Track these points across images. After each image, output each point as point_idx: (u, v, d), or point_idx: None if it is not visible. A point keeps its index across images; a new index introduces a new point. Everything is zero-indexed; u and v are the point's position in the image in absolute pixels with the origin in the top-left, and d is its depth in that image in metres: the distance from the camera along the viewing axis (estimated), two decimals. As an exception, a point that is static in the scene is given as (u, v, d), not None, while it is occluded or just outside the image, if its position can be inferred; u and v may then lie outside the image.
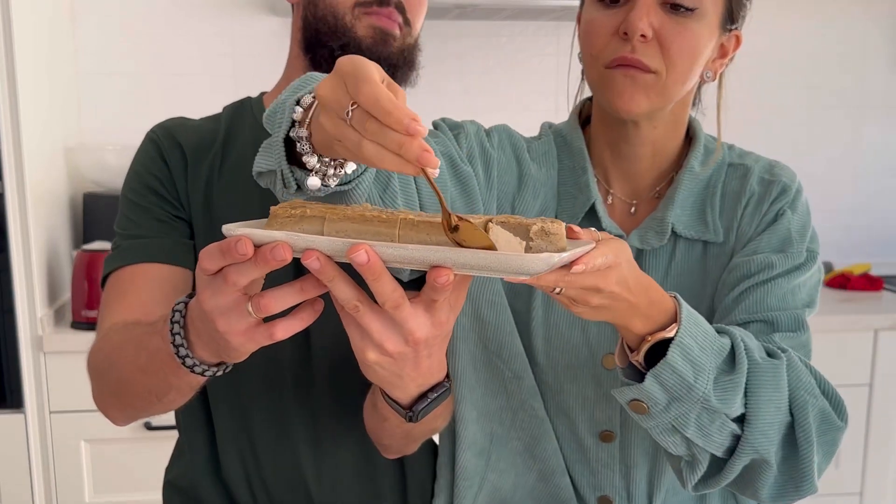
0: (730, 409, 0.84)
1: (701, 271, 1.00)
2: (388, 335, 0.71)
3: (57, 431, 2.08)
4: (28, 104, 1.97)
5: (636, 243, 0.99)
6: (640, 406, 0.83)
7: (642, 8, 0.90)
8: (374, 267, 0.64)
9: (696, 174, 1.01)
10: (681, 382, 0.80)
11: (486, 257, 0.62)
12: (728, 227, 1.00)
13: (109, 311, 1.00)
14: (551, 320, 1.02)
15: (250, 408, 1.09)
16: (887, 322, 2.38)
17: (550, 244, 0.64)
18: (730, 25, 0.96)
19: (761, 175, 1.02)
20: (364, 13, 1.05)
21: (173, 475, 1.18)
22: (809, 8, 2.80)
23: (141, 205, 1.07)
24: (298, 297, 0.70)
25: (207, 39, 2.53)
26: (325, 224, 0.67)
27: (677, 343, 0.79)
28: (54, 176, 2.23)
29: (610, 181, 1.03)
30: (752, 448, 0.85)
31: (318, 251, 0.65)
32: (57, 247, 2.20)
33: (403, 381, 0.79)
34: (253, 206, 1.06)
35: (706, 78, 0.97)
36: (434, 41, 2.70)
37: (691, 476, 0.90)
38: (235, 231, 0.66)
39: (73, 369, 2.07)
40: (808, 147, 2.86)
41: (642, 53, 0.91)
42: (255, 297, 0.69)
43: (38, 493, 2.07)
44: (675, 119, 1.01)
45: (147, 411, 0.94)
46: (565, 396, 1.03)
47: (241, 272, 0.67)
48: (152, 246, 1.04)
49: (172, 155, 1.09)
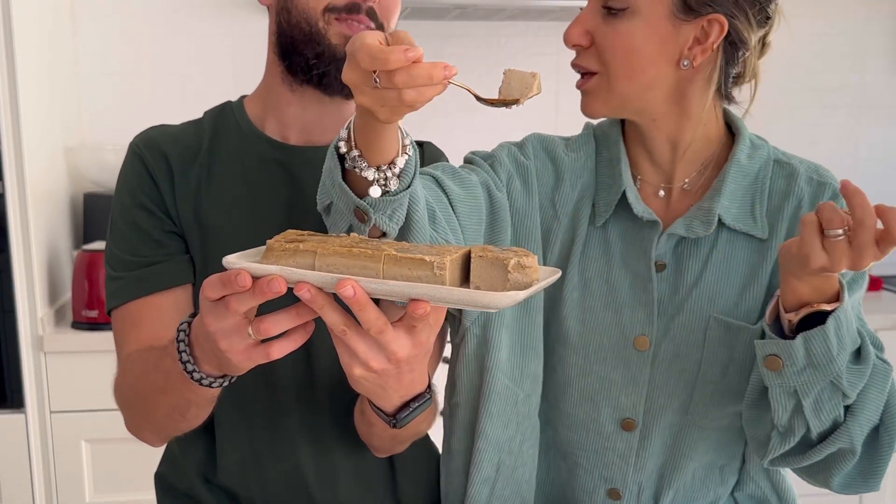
0: (851, 394, 0.89)
1: (743, 263, 1.02)
2: (373, 355, 0.78)
3: (57, 431, 2.08)
4: (28, 104, 1.98)
5: (681, 231, 1.01)
6: (776, 362, 0.88)
7: (579, 20, 0.99)
8: (360, 299, 0.73)
9: (742, 167, 1.02)
10: (825, 352, 0.85)
11: (459, 294, 0.71)
12: (773, 224, 1.02)
13: (124, 342, 1.06)
14: (586, 303, 1.05)
15: (251, 411, 1.10)
16: (887, 322, 2.39)
17: (526, 276, 0.73)
18: (687, 15, 0.95)
19: (809, 175, 1.04)
20: (335, 19, 1.03)
21: (168, 480, 1.18)
22: (810, 8, 2.81)
23: (134, 226, 1.07)
24: (294, 321, 0.78)
25: (207, 40, 2.53)
26: (317, 258, 0.75)
27: (836, 316, 0.84)
28: (54, 176, 2.24)
29: (641, 170, 1.07)
30: (848, 437, 0.91)
31: (309, 283, 0.73)
32: (57, 247, 2.20)
33: (387, 393, 0.86)
34: (243, 215, 1.07)
35: (682, 66, 0.97)
36: (434, 41, 2.71)
37: (779, 447, 0.94)
38: (235, 264, 0.75)
39: (74, 369, 2.08)
40: (807, 147, 2.84)
41: (581, 59, 1.01)
42: (255, 322, 0.77)
43: (39, 493, 2.07)
44: (682, 111, 1.01)
45: (176, 429, 1.02)
46: (592, 379, 1.05)
47: (240, 301, 0.75)
48: (154, 275, 1.06)
49: (158, 168, 1.08)
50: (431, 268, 0.72)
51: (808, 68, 2.83)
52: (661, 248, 1.03)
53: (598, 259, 1.05)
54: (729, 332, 1.00)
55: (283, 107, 1.09)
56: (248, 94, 1.16)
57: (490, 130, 2.72)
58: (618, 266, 1.05)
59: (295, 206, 1.08)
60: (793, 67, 2.83)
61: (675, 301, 1.03)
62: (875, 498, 2.47)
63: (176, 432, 1.03)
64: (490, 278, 0.74)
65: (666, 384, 1.03)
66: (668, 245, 1.03)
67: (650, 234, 1.03)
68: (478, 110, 2.76)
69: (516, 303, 0.72)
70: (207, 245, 1.07)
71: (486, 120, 2.71)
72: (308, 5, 1.02)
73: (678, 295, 1.03)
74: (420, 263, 0.72)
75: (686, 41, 0.96)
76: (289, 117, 1.10)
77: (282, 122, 1.10)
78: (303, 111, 1.09)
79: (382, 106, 0.71)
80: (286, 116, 1.10)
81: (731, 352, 1.01)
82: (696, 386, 1.02)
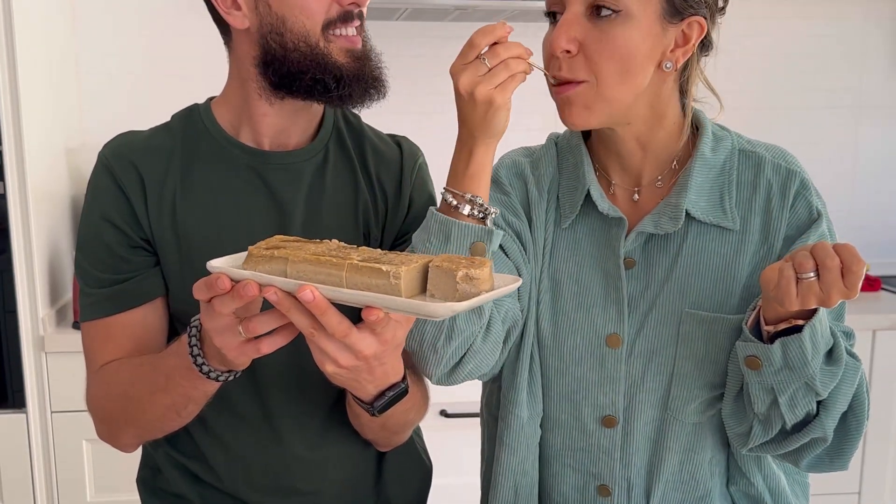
0: (823, 393, 0.94)
1: (714, 256, 1.03)
2: (341, 353, 0.84)
3: (58, 431, 2.08)
4: (29, 105, 1.98)
5: (650, 228, 1.03)
6: (756, 362, 0.93)
7: (562, 25, 0.96)
8: (320, 304, 0.78)
9: (707, 160, 1.03)
10: (801, 357, 0.90)
11: (403, 303, 0.77)
12: (745, 216, 1.03)
13: (96, 355, 1.11)
14: (558, 305, 1.07)
15: (240, 409, 1.11)
16: (885, 322, 2.39)
17: (474, 287, 0.77)
18: (673, 18, 0.96)
19: (776, 162, 1.04)
20: (332, 35, 1.02)
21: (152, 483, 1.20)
22: (809, 9, 2.81)
23: (101, 242, 1.08)
24: (279, 321, 0.84)
25: (208, 40, 2.53)
26: (288, 265, 0.81)
27: (811, 325, 0.89)
28: (56, 176, 2.24)
29: (610, 175, 1.07)
30: (822, 429, 0.97)
31: (276, 287, 0.79)
32: (58, 247, 2.21)
33: (361, 385, 0.93)
34: (221, 221, 1.07)
35: (665, 68, 0.98)
36: (434, 42, 2.71)
37: (761, 436, 1.00)
38: (217, 268, 0.82)
39: (75, 369, 2.07)
40: (807, 147, 2.86)
41: (569, 68, 0.96)
42: (244, 322, 0.84)
43: (40, 493, 2.08)
44: (655, 113, 1.02)
45: (166, 428, 1.07)
46: (569, 380, 1.07)
47: (223, 303, 0.82)
48: (123, 294, 1.08)
49: (128, 180, 1.07)
50: (388, 277, 0.77)
51: (807, 69, 2.84)
52: (630, 246, 1.04)
53: (568, 260, 1.07)
54: (703, 325, 1.02)
55: (259, 117, 1.09)
56: (214, 97, 1.15)
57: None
58: (588, 266, 1.06)
59: (270, 210, 1.08)
60: (792, 68, 2.84)
61: (646, 297, 1.04)
62: (874, 497, 2.48)
63: (162, 433, 1.09)
64: (443, 287, 0.79)
65: (643, 380, 1.05)
66: (637, 242, 1.04)
67: (618, 231, 1.04)
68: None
69: (455, 313, 0.77)
70: (186, 252, 1.08)
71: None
72: (305, 27, 1.01)
73: (649, 291, 1.04)
74: (377, 272, 0.78)
75: (669, 44, 0.97)
76: (264, 126, 1.09)
77: (256, 131, 1.10)
78: (279, 119, 1.09)
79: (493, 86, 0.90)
80: (261, 126, 1.09)
81: (706, 344, 1.02)
82: (673, 380, 1.04)
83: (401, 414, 1.02)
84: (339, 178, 1.12)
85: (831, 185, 2.91)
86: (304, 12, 1.01)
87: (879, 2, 2.85)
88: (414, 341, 1.00)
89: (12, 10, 1.89)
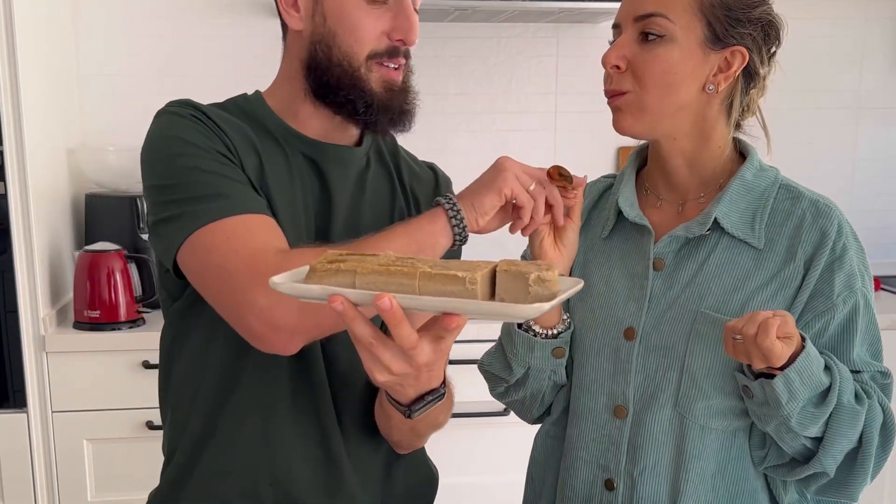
0: (804, 433, 1.00)
1: (737, 268, 1.09)
2: (396, 362, 0.83)
3: (59, 431, 2.09)
4: (30, 106, 1.98)
5: (682, 233, 1.11)
6: (747, 391, 1.02)
7: (615, 47, 1.09)
8: (396, 314, 0.77)
9: (746, 182, 1.11)
10: (775, 400, 0.98)
11: (489, 307, 0.77)
12: (771, 237, 1.09)
13: (268, 244, 0.99)
14: (587, 304, 1.17)
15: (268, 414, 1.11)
16: (885, 322, 2.39)
17: (546, 288, 0.78)
18: (715, 45, 1.06)
19: (814, 198, 1.11)
20: (375, 64, 1.07)
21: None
22: (809, 10, 2.81)
23: (215, 155, 1.03)
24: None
25: (208, 41, 2.54)
26: (357, 277, 0.80)
27: (785, 375, 0.96)
28: (56, 177, 2.25)
29: (659, 190, 1.18)
30: (820, 465, 1.03)
31: (342, 296, 0.78)
32: (59, 247, 2.21)
33: (404, 389, 0.95)
34: (286, 201, 1.08)
35: (708, 90, 1.08)
36: (433, 43, 2.71)
37: (774, 458, 1.07)
38: (279, 285, 0.81)
39: (76, 369, 2.08)
40: (806, 148, 2.87)
41: (617, 81, 1.09)
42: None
43: (41, 493, 2.08)
44: (701, 133, 1.11)
45: None
46: (587, 370, 1.15)
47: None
48: (251, 200, 1.03)
49: (221, 133, 1.07)
50: (464, 283, 0.76)
51: (806, 69, 2.83)
52: (663, 249, 1.12)
53: (602, 265, 1.18)
54: (715, 328, 1.06)
55: (305, 116, 1.13)
56: (262, 90, 1.18)
57: (492, 133, 2.73)
58: (618, 269, 1.15)
59: (321, 199, 1.12)
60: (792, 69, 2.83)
61: (668, 296, 1.11)
62: (874, 497, 2.48)
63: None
64: (514, 291, 0.78)
65: (655, 373, 1.09)
66: (671, 247, 1.12)
67: (647, 238, 1.13)
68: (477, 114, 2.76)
69: (541, 313, 0.78)
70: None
71: (486, 120, 2.72)
72: (352, 49, 1.06)
73: (672, 291, 1.11)
74: (453, 279, 0.77)
75: (712, 68, 1.07)
76: (308, 127, 1.14)
77: (303, 124, 1.14)
78: (321, 122, 1.13)
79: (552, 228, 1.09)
80: (307, 125, 1.14)
81: (717, 346, 1.05)
82: (683, 377, 1.07)
83: (432, 417, 1.05)
84: (378, 183, 1.18)
85: (830, 185, 2.91)
86: (353, 35, 1.06)
87: (879, 2, 2.85)
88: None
89: (13, 10, 1.90)
